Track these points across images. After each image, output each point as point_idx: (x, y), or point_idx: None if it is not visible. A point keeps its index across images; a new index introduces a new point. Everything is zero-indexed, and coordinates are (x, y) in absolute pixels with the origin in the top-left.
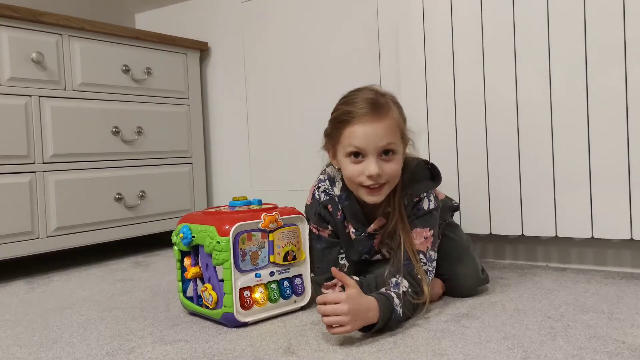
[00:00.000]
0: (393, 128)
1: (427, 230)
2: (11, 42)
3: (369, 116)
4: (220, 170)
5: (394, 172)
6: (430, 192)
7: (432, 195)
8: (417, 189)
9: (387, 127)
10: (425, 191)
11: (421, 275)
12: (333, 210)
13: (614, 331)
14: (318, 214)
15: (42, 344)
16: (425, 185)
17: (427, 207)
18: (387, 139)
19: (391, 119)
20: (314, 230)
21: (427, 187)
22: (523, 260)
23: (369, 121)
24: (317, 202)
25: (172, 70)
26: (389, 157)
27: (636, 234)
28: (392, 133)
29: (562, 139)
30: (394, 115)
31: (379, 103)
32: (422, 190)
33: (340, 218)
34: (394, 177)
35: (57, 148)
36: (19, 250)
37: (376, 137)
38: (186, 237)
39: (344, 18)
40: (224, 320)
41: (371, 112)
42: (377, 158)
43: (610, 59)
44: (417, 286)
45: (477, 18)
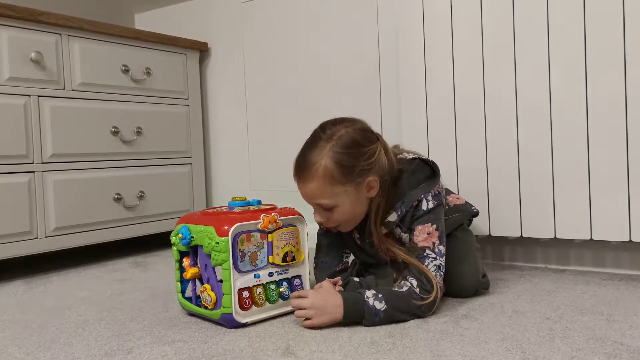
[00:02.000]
0: (323, 187)
1: (428, 225)
2: (10, 41)
3: (297, 178)
4: (219, 171)
5: (339, 217)
6: (428, 193)
7: (429, 195)
8: (413, 196)
9: (313, 188)
10: (423, 194)
11: (427, 272)
12: None
13: (612, 333)
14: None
15: (40, 344)
16: (421, 190)
17: (426, 208)
18: (316, 199)
19: (317, 180)
20: (322, 226)
21: (424, 190)
22: (522, 262)
23: (298, 182)
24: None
25: (171, 70)
26: (330, 210)
27: (635, 236)
28: (321, 193)
29: (562, 141)
30: (326, 173)
31: (304, 165)
32: (418, 196)
33: None
34: (345, 218)
35: (56, 148)
36: (17, 250)
37: (308, 197)
38: (185, 237)
39: (344, 19)
40: (223, 321)
41: (297, 175)
42: (319, 209)
43: (609, 61)
44: (427, 283)
45: (477, 20)
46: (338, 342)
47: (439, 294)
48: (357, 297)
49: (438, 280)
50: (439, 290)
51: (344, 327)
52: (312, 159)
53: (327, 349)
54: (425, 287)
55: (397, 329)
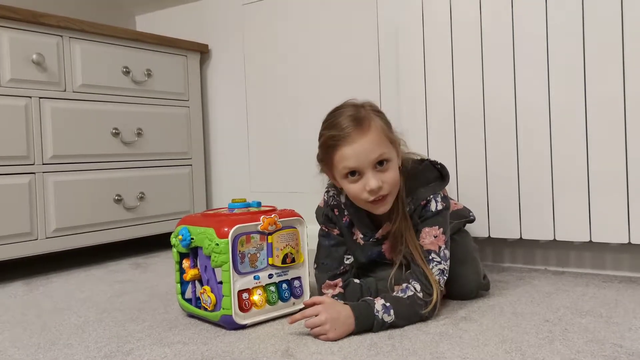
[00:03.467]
0: (379, 138)
1: (435, 228)
2: (12, 43)
3: (354, 134)
4: (219, 172)
5: (393, 179)
6: (437, 194)
7: (439, 196)
8: (422, 194)
9: (374, 139)
10: (432, 194)
11: (429, 274)
12: (339, 214)
13: (611, 335)
14: (325, 215)
15: (40, 345)
16: (431, 189)
17: (435, 209)
18: (378, 151)
19: (375, 130)
20: (324, 228)
21: (433, 189)
22: (521, 264)
23: (355, 139)
24: (326, 205)
25: (172, 72)
26: (385, 167)
27: (634, 237)
28: (380, 143)
29: (561, 143)
30: (378, 125)
31: (360, 118)
32: (427, 194)
33: (346, 223)
34: (395, 185)
35: (56, 149)
36: (17, 251)
37: (366, 152)
38: (185, 239)
39: (345, 21)
40: (223, 323)
41: (354, 129)
42: (374, 171)
43: (608, 63)
44: (429, 286)
45: (477, 22)
46: (337, 344)
47: (439, 298)
48: (367, 309)
49: (440, 285)
50: (439, 294)
51: None
52: (360, 116)
53: (327, 351)
54: (427, 291)
55: (397, 331)
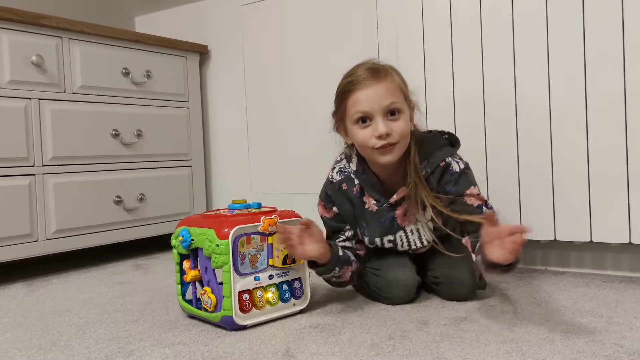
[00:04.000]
0: (394, 88)
1: (473, 188)
2: (11, 44)
3: (369, 80)
4: (219, 173)
5: (402, 130)
6: (454, 155)
7: (456, 156)
8: (438, 157)
9: (388, 87)
10: (448, 156)
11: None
12: (348, 187)
13: (612, 335)
14: (325, 192)
15: (40, 346)
16: (446, 151)
17: (458, 169)
18: (390, 99)
19: (391, 81)
20: (320, 209)
21: (448, 152)
22: (522, 264)
23: (370, 84)
24: (330, 182)
25: (171, 73)
26: (395, 117)
27: (635, 238)
28: (394, 93)
29: (561, 143)
30: (394, 78)
31: (377, 68)
32: (443, 157)
33: (357, 193)
34: (404, 137)
35: (56, 151)
36: (18, 253)
37: (379, 98)
38: (185, 240)
39: (344, 22)
40: (223, 324)
41: (370, 75)
42: (384, 118)
43: (608, 61)
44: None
45: (476, 21)
46: (338, 344)
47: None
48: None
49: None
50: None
51: (344, 330)
52: (378, 67)
53: (327, 352)
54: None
55: (397, 332)
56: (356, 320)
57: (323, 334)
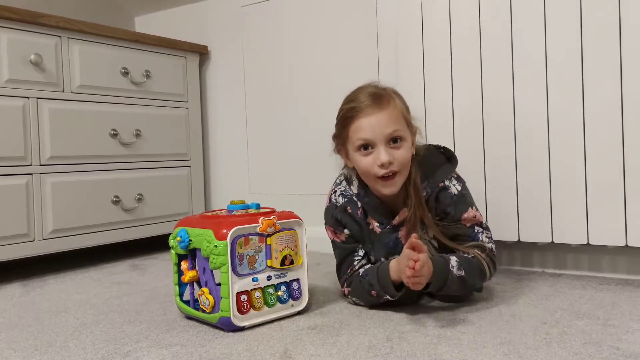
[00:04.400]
0: (397, 116)
1: (471, 210)
2: (10, 43)
3: (372, 107)
4: (218, 174)
5: (404, 158)
6: (451, 176)
7: (453, 178)
8: (437, 177)
9: (391, 115)
10: (446, 177)
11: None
12: (352, 210)
13: (608, 337)
14: (334, 218)
15: (36, 347)
16: (444, 171)
17: (457, 191)
18: (393, 127)
19: (394, 108)
20: (330, 234)
21: (446, 171)
22: (519, 266)
23: (373, 112)
24: (334, 205)
25: (171, 73)
26: (398, 145)
27: (631, 240)
28: (397, 121)
29: (559, 146)
30: (397, 105)
31: (380, 94)
32: (442, 178)
33: (362, 216)
34: (405, 165)
35: (54, 150)
36: (14, 253)
37: (381, 126)
38: (183, 240)
39: (344, 23)
40: (221, 325)
41: (373, 103)
42: (386, 146)
43: (606, 69)
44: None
45: (476, 26)
46: (336, 346)
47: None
48: (444, 264)
49: (493, 251)
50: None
51: (342, 332)
52: (380, 93)
53: (325, 353)
54: (488, 253)
55: (395, 333)
56: (354, 321)
57: (321, 335)
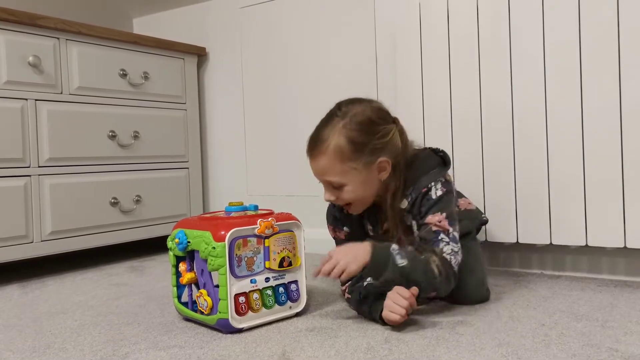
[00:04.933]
0: (330, 166)
1: (438, 214)
2: (8, 45)
3: (308, 154)
4: (216, 176)
5: (348, 197)
6: (437, 181)
7: (439, 183)
8: (423, 182)
9: (324, 165)
10: (433, 181)
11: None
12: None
13: (607, 339)
14: (333, 216)
15: (35, 348)
16: (432, 176)
17: (435, 196)
18: (326, 177)
19: (329, 157)
20: (331, 232)
21: (434, 176)
22: (518, 268)
23: (310, 158)
24: (333, 204)
25: (169, 74)
26: (339, 189)
27: (630, 242)
28: (330, 170)
29: (557, 148)
30: (337, 150)
31: (319, 139)
32: (427, 183)
33: (357, 217)
34: (355, 199)
35: (52, 152)
36: (13, 254)
37: (317, 173)
38: (182, 242)
39: (342, 25)
40: (219, 326)
41: (309, 151)
42: (328, 186)
43: (605, 70)
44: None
45: (474, 31)
46: (335, 347)
47: (455, 276)
48: (385, 245)
49: (453, 265)
50: (454, 272)
51: (341, 333)
52: (324, 135)
53: (324, 355)
54: (442, 262)
55: (394, 335)
56: (352, 323)
57: (319, 337)
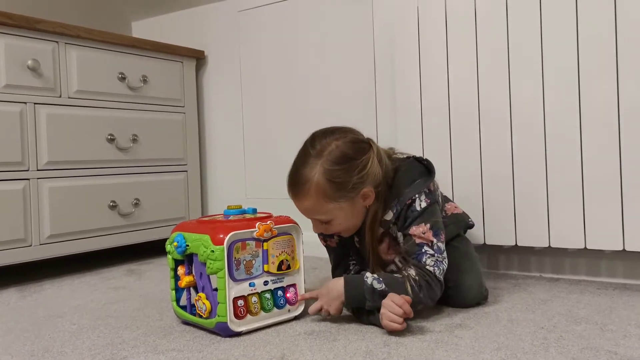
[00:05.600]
0: (315, 205)
1: (422, 225)
2: (7, 49)
3: (291, 194)
4: (215, 179)
5: (337, 228)
6: (421, 192)
7: (422, 195)
8: (407, 194)
9: (308, 206)
10: (416, 193)
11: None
12: None
13: (606, 342)
14: None
15: (33, 352)
16: (415, 187)
17: (420, 208)
18: (313, 214)
19: (310, 198)
20: (322, 241)
21: (418, 187)
22: (516, 271)
23: (294, 199)
24: None
25: (168, 78)
26: (327, 223)
27: (628, 245)
28: (316, 209)
29: (556, 151)
30: (318, 190)
31: (296, 182)
32: (411, 195)
33: None
34: (344, 229)
35: (51, 155)
36: (11, 258)
37: (304, 212)
38: (180, 245)
39: (341, 28)
40: (218, 330)
41: (291, 191)
42: (317, 222)
43: (603, 72)
44: (424, 271)
45: (472, 32)
46: (333, 351)
47: (440, 287)
48: (357, 278)
49: (437, 275)
50: (439, 283)
51: (339, 337)
52: (303, 175)
53: (322, 358)
54: (424, 277)
55: (393, 339)
56: (351, 326)
57: (318, 341)
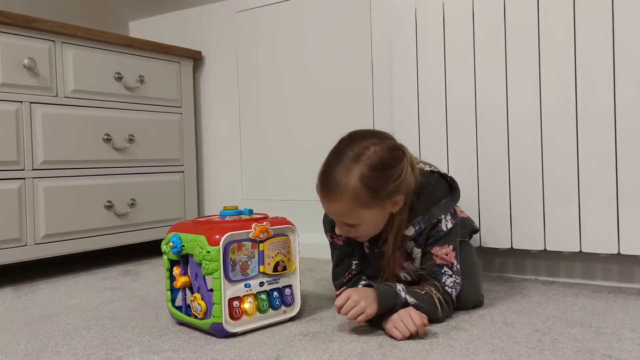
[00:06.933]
0: (347, 209)
1: (446, 247)
2: (3, 47)
3: (322, 195)
4: (211, 179)
5: (361, 233)
6: (447, 212)
7: (449, 214)
8: (434, 214)
9: (340, 209)
10: (443, 213)
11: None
12: None
13: (600, 345)
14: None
15: (27, 352)
16: (443, 206)
17: (446, 228)
18: (342, 218)
19: (343, 202)
20: (329, 238)
21: (445, 207)
22: (512, 273)
23: (323, 199)
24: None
25: (165, 78)
26: (353, 226)
27: (624, 248)
28: (347, 214)
29: (552, 154)
30: (352, 195)
31: (330, 184)
32: (439, 213)
33: None
34: (368, 235)
35: (47, 155)
36: (6, 258)
37: (332, 214)
38: (176, 246)
39: (338, 30)
40: (213, 331)
41: (322, 192)
42: (342, 224)
43: (599, 75)
44: (447, 295)
45: (469, 32)
46: (328, 352)
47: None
48: (389, 289)
49: (452, 297)
50: (454, 304)
51: (334, 338)
52: (339, 178)
53: (317, 359)
54: (445, 298)
55: (388, 340)
56: (346, 328)
57: (313, 342)
